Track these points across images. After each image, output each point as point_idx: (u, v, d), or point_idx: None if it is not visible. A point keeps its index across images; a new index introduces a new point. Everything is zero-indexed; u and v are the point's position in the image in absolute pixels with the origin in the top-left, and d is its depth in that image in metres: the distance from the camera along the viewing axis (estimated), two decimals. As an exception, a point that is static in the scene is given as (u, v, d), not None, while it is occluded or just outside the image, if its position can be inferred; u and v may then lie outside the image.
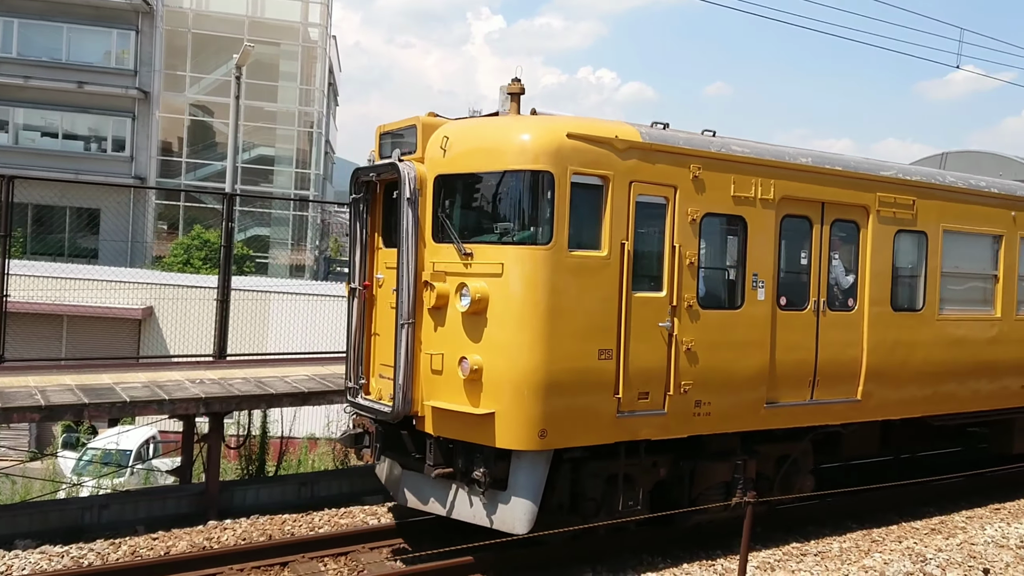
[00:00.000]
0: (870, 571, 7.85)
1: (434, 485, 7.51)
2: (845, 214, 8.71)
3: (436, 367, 7.09)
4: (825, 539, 8.87)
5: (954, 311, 9.72)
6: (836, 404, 8.62)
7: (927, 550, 8.51)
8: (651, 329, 7.31)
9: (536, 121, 7.31)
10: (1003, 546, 8.80)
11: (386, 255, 7.89)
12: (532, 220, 6.96)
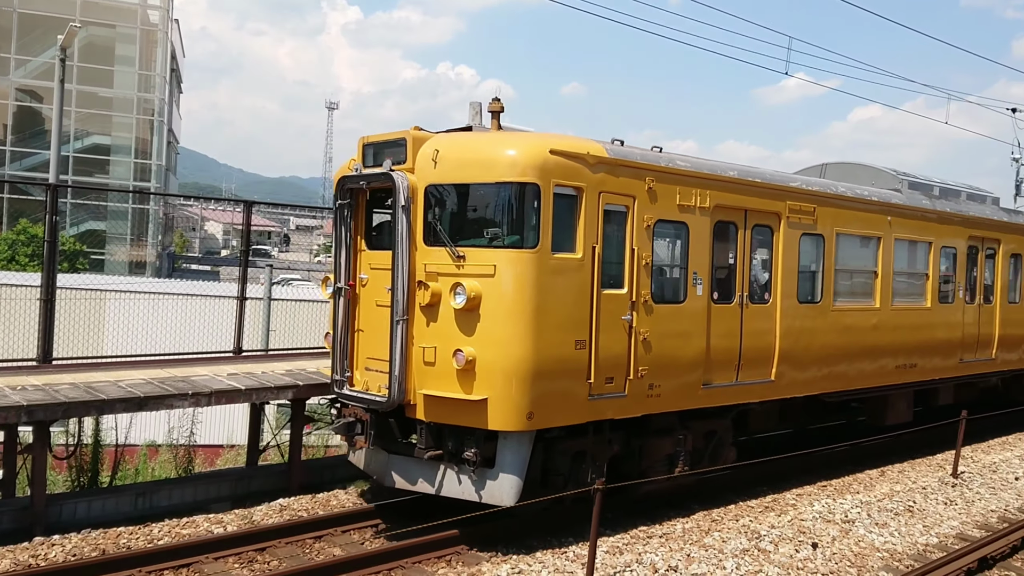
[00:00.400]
0: (710, 549, 8.24)
1: (422, 467, 8.24)
2: (763, 220, 10.07)
3: (429, 359, 7.89)
4: (670, 521, 9.27)
5: (844, 303, 11.34)
6: (755, 384, 10.00)
7: (761, 527, 9.03)
8: (615, 322, 8.33)
9: (522, 138, 8.23)
10: (830, 521, 9.38)
11: (369, 257, 8.69)
12: (521, 226, 7.80)
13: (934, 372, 13.04)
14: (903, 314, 12.37)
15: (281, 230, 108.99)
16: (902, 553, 8.57)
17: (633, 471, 9.02)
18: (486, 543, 8.22)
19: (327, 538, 8.44)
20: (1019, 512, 10.26)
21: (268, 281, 15.20)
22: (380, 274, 8.40)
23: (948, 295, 13.41)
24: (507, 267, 7.71)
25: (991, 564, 8.41)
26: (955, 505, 10.35)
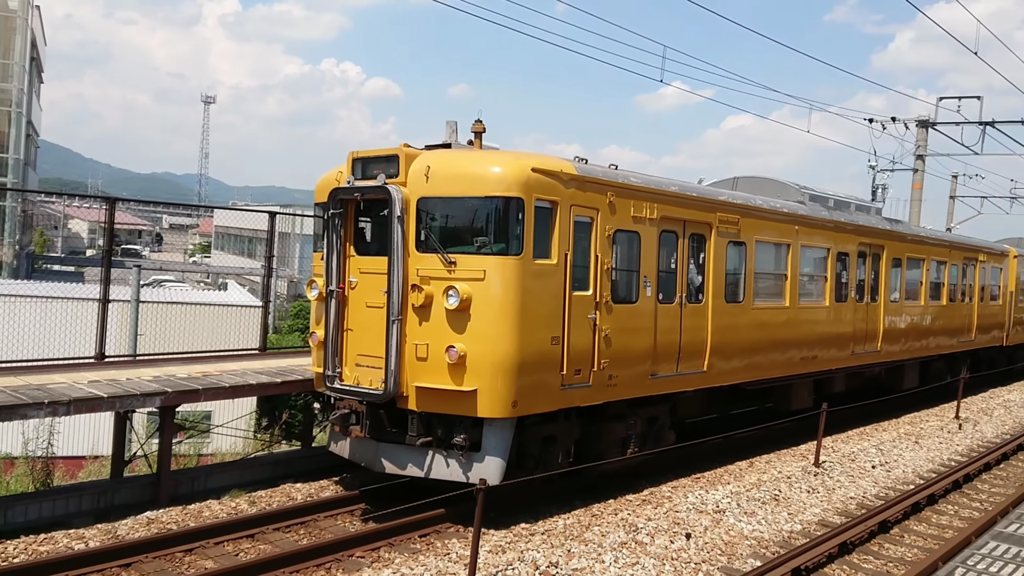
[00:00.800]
0: (590, 544, 8.41)
1: (412, 453, 8.96)
2: (697, 229, 11.30)
3: (421, 355, 8.69)
4: (552, 518, 9.40)
5: (761, 302, 12.70)
6: (692, 375, 11.25)
7: (639, 520, 9.28)
8: (583, 320, 9.33)
9: (507, 156, 9.17)
10: (702, 511, 9.76)
11: (358, 262, 9.37)
12: (506, 235, 8.65)
13: (831, 363, 14.62)
14: (807, 312, 13.87)
15: (153, 229, 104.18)
16: (769, 540, 8.98)
17: (592, 453, 10.06)
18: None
19: (199, 551, 8.09)
20: (876, 499, 10.95)
21: (136, 282, 14.47)
22: (368, 278, 9.17)
23: (843, 295, 14.92)
24: (495, 272, 8.57)
25: (851, 549, 8.92)
26: (817, 493, 10.94)
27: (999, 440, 14.98)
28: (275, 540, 8.50)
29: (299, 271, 48.07)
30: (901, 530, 9.79)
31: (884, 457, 13.16)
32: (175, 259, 69.79)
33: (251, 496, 9.76)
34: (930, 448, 14.06)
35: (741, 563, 8.23)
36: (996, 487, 12.00)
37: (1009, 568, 6.04)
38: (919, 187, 27.43)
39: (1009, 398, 20.36)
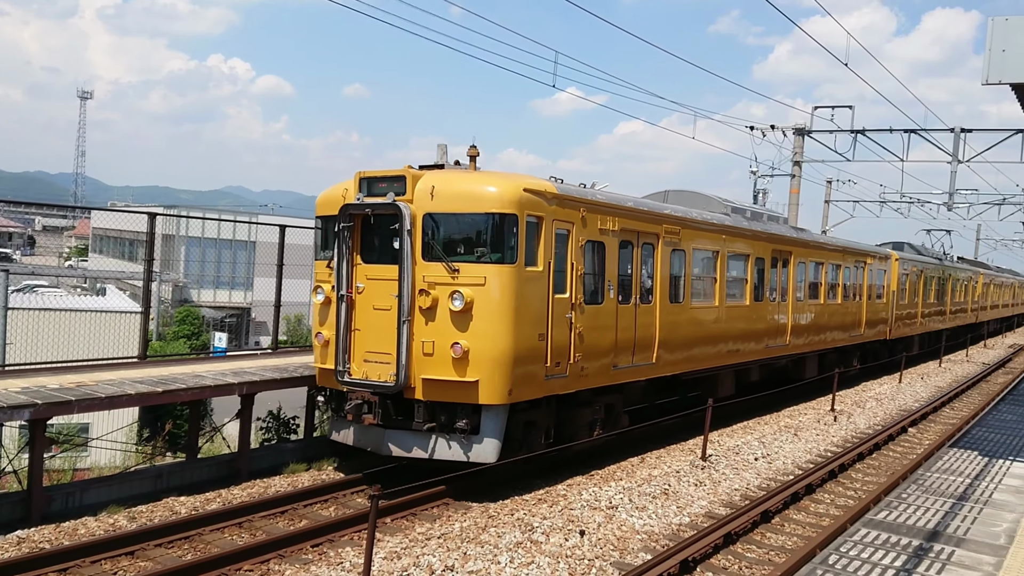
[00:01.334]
0: (486, 545, 8.42)
1: (417, 437, 10.09)
2: (648, 239, 12.78)
3: (428, 351, 9.86)
4: (448, 521, 9.36)
5: (697, 302, 14.34)
6: (643, 366, 12.65)
7: (534, 519, 9.37)
8: (562, 319, 10.69)
9: (502, 177, 10.34)
10: (596, 508, 9.95)
11: (365, 269, 10.44)
12: (502, 246, 9.85)
13: (750, 355, 16.47)
14: (732, 310, 15.60)
15: (25, 231, 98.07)
16: (659, 534, 9.23)
17: (566, 435, 11.43)
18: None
19: (73, 571, 7.65)
20: (759, 490, 11.42)
21: (4, 288, 13.60)
22: (375, 283, 10.28)
23: (759, 295, 16.78)
24: (494, 278, 9.78)
25: (735, 539, 9.27)
26: (704, 486, 11.33)
27: (871, 431, 15.90)
28: (156, 557, 8.13)
29: (184, 275, 46.27)
30: (782, 519, 10.25)
31: (766, 450, 13.74)
32: (49, 263, 65.87)
33: (131, 512, 9.30)
34: (808, 440, 14.79)
35: (633, 557, 8.42)
36: (869, 476, 12.72)
37: (880, 554, 6.41)
38: (796, 192, 28.83)
39: (880, 391, 21.65)
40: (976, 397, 21.79)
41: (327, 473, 11.47)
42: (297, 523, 9.36)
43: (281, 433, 14.41)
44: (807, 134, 28.53)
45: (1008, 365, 30.84)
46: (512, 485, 10.87)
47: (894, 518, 7.34)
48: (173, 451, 13.73)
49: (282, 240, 14.52)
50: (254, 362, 12.76)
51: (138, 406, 12.19)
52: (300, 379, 11.75)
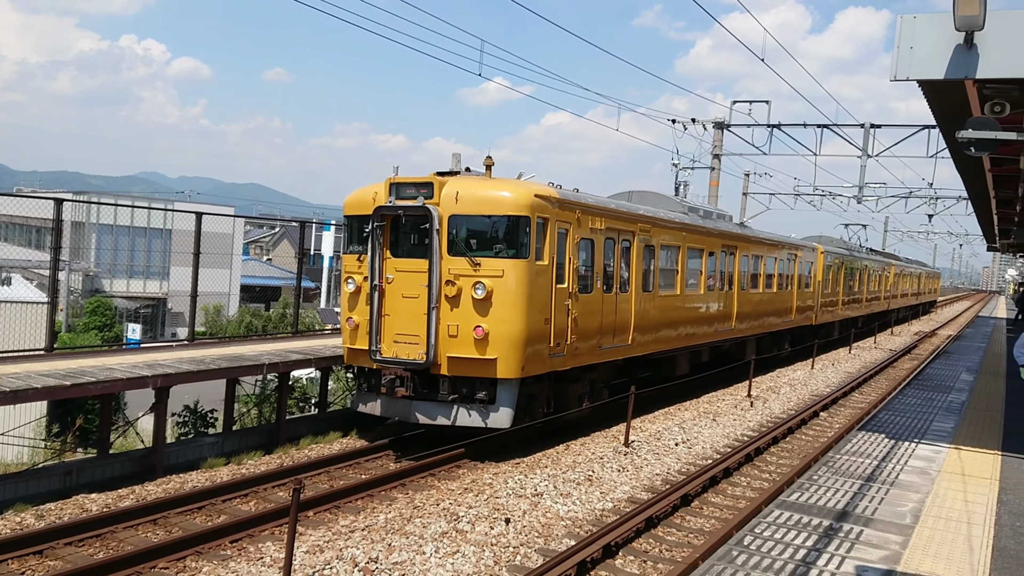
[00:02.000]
0: (411, 536, 8.40)
1: (441, 407, 11.62)
2: (626, 236, 14.42)
3: (452, 333, 11.39)
4: (373, 512, 9.28)
5: (663, 292, 16.05)
6: (621, 347, 14.37)
7: (460, 509, 9.39)
8: (562, 306, 12.25)
9: (516, 184, 12.04)
10: (521, 496, 10.04)
11: (394, 263, 11.90)
12: (517, 243, 11.45)
13: (703, 338, 18.39)
14: (690, 299, 17.46)
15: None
16: (583, 519, 9.36)
17: (560, 406, 13.13)
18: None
19: (-25, 574, 7.29)
20: (679, 474, 11.69)
21: None
22: (403, 275, 11.73)
23: (711, 285, 18.64)
24: (511, 271, 11.36)
25: (656, 523, 9.47)
26: (627, 472, 11.53)
27: (785, 416, 16.45)
28: (66, 556, 7.82)
29: (96, 264, 44.49)
30: (701, 502, 10.52)
31: (686, 435, 14.08)
32: (-54, 251, 62.28)
33: (39, 509, 8.92)
34: (726, 425, 15.21)
35: (557, 543, 8.51)
36: (783, 459, 13.17)
37: (792, 534, 6.64)
38: (716, 184, 29.53)
39: (794, 377, 22.42)
40: (883, 382, 22.78)
41: (247, 467, 11.24)
42: (215, 519, 9.14)
43: (198, 427, 14.03)
44: (726, 128, 29.22)
45: (913, 351, 32.33)
46: (436, 476, 10.85)
47: (806, 499, 7.61)
48: (84, 447, 13.22)
49: (198, 228, 14.08)
50: (169, 354, 12.37)
51: (45, 400, 11.67)
52: (218, 371, 11.45)
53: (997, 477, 8.69)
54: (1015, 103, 9.52)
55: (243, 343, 15.22)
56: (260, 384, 16.22)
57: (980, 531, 6.83)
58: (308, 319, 29.79)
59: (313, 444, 12.72)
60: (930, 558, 6.15)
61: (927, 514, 7.25)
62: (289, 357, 12.70)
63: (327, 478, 10.90)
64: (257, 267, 65.84)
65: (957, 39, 8.07)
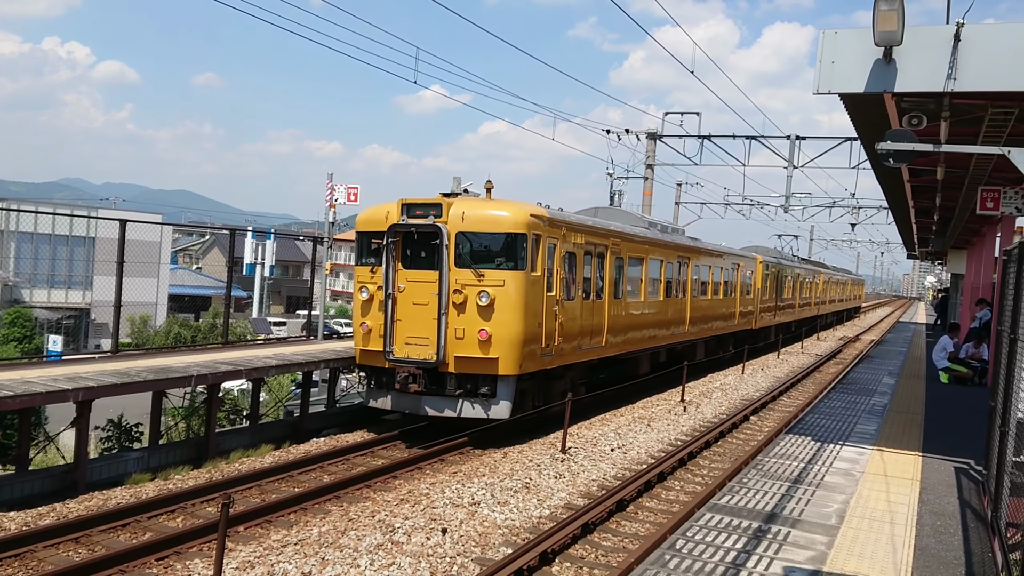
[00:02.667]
0: (345, 549, 8.28)
1: (448, 401, 13.08)
2: (601, 250, 16.08)
3: (459, 335, 12.87)
4: (306, 526, 9.12)
5: (630, 299, 17.76)
6: (596, 348, 16.06)
7: (396, 520, 9.29)
8: (551, 312, 13.86)
9: (514, 205, 13.46)
10: (459, 505, 10.00)
11: (405, 274, 13.39)
12: (515, 257, 13.01)
13: (662, 340, 20.23)
14: (652, 305, 19.22)
15: None
16: (520, 527, 9.36)
17: (546, 400, 14.65)
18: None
19: None
20: (614, 480, 11.80)
21: None
22: (413, 285, 13.24)
23: (669, 293, 20.53)
24: (511, 281, 12.91)
25: (592, 528, 9.53)
26: (564, 478, 11.59)
27: (717, 420, 16.77)
28: (-20, 579, 7.46)
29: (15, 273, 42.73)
30: (636, 507, 10.64)
31: (621, 440, 14.23)
32: None
33: (-51, 532, 8.49)
34: (660, 430, 15.42)
35: (494, 552, 8.49)
36: (715, 462, 13.42)
37: (723, 537, 6.75)
38: (649, 193, 30.01)
39: (725, 382, 22.88)
40: (810, 386, 23.43)
41: (174, 482, 10.92)
42: (140, 536, 8.85)
43: (123, 442, 13.58)
44: (659, 138, 29.73)
45: (838, 356, 33.35)
46: (372, 487, 10.72)
47: (736, 502, 7.76)
48: (2, 463, 12.66)
49: (122, 235, 13.65)
50: (92, 366, 11.94)
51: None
52: (144, 384, 11.10)
53: (918, 478, 9.01)
54: (931, 116, 9.93)
55: (171, 354, 14.80)
56: (188, 397, 15.80)
57: (902, 531, 7.06)
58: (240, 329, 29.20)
59: (244, 457, 12.44)
60: (855, 558, 6.33)
61: (851, 515, 7.46)
62: (219, 368, 12.40)
63: (259, 492, 10.66)
64: (186, 276, 64.18)
65: (877, 54, 8.38)
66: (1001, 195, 14.10)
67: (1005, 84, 8.20)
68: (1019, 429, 5.94)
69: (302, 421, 14.56)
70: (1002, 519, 6.28)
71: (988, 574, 6.11)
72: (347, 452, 12.79)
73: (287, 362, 13.85)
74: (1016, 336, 6.39)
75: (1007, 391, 6.70)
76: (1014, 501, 5.94)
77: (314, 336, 18.71)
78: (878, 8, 7.96)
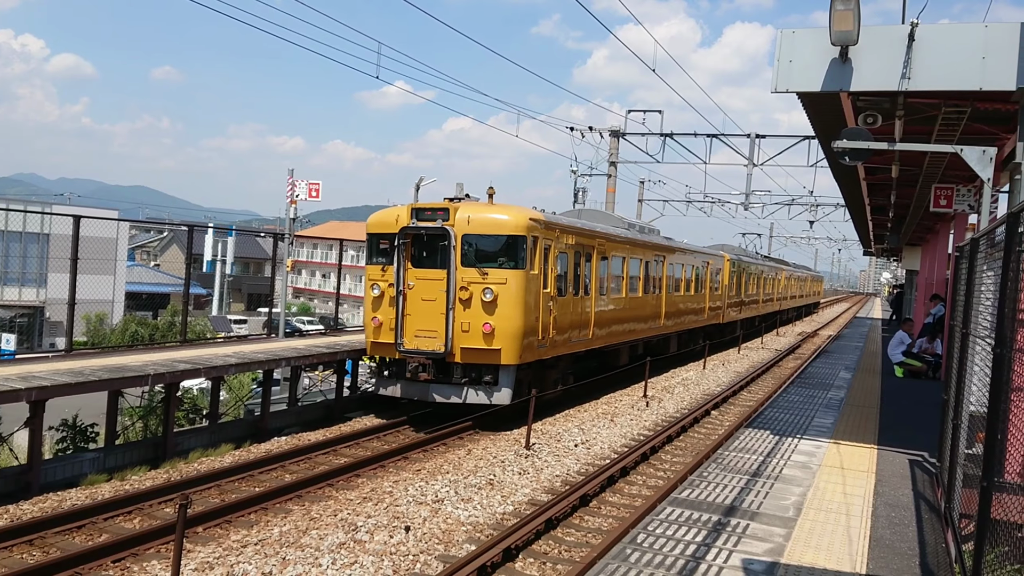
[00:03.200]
0: (307, 548, 8.20)
1: (454, 388, 14.28)
2: (588, 250, 17.38)
3: (465, 328, 14.05)
4: (267, 526, 9.02)
5: (612, 295, 19.10)
6: (584, 340, 17.27)
7: (359, 519, 9.22)
8: (546, 307, 15.08)
9: (516, 210, 14.72)
10: (422, 503, 9.94)
11: (414, 272, 14.55)
12: (516, 257, 14.20)
13: (641, 333, 21.58)
14: (632, 301, 20.54)
15: None
16: (484, 524, 9.36)
17: (540, 389, 15.45)
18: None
19: None
20: (578, 475, 11.85)
21: None
22: (422, 282, 14.45)
23: (647, 288, 21.91)
24: (512, 279, 14.12)
25: (556, 524, 9.57)
26: (528, 474, 11.61)
27: (679, 415, 16.93)
28: (-72, 585, 7.25)
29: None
30: (599, 502, 10.69)
31: (585, 436, 14.30)
32: None
33: None
34: (623, 425, 15.53)
35: (457, 549, 8.48)
36: (677, 457, 13.54)
37: (683, 530, 6.82)
38: (613, 191, 30.17)
39: (687, 377, 23.11)
40: (770, 381, 23.76)
41: (131, 483, 10.72)
42: (97, 538, 8.68)
43: (78, 442, 13.31)
44: (622, 136, 29.90)
45: (797, 351, 33.86)
46: (334, 486, 10.63)
47: (697, 496, 7.84)
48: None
49: (76, 232, 13.36)
50: (46, 365, 11.68)
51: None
52: (99, 383, 10.88)
53: (873, 470, 9.19)
54: (886, 115, 10.12)
55: (127, 353, 14.52)
56: (146, 396, 15.52)
57: (858, 522, 7.20)
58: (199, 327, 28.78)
59: (203, 457, 12.26)
60: (812, 549, 6.43)
61: (809, 507, 7.59)
62: (177, 367, 12.20)
63: (218, 492, 10.52)
64: (144, 273, 63.06)
65: (833, 53, 8.52)
66: (954, 193, 14.43)
67: (958, 83, 8.39)
68: (971, 422, 6.09)
69: (263, 420, 14.40)
70: (955, 510, 6.42)
71: (942, 564, 6.25)
72: (309, 451, 12.67)
73: (247, 360, 13.68)
74: (968, 331, 6.55)
75: (960, 385, 6.86)
76: (967, 492, 6.08)
77: (275, 334, 18.50)
78: (834, 8, 8.10)
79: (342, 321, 23.32)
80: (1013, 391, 4.60)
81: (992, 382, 4.53)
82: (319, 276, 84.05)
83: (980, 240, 6.52)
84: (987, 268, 5.96)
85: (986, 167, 9.24)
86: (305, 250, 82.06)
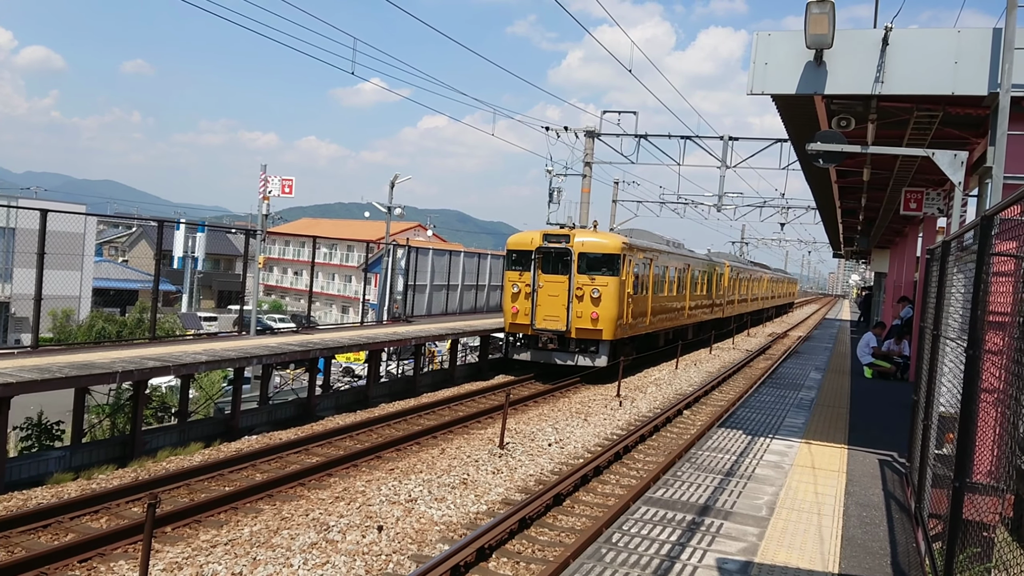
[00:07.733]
0: (278, 548, 8.12)
1: (569, 355, 21.29)
2: (648, 260, 24.01)
3: (579, 315, 20.92)
4: (237, 526, 8.92)
5: (662, 293, 26.28)
6: (643, 325, 24.04)
7: (331, 519, 9.16)
8: (628, 302, 21.96)
9: (614, 236, 22.12)
10: (395, 502, 9.91)
11: (544, 277, 21.35)
12: (614, 268, 21.09)
13: (673, 323, 28.34)
14: (671, 298, 27.52)
15: None
16: (457, 524, 9.32)
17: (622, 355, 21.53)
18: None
19: None
20: (552, 474, 11.85)
21: None
22: (549, 283, 21.18)
23: (679, 289, 28.64)
24: (611, 283, 20.79)
25: (529, 523, 9.55)
26: (501, 474, 11.58)
27: (652, 414, 17.01)
28: None
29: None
30: (573, 502, 10.70)
31: (559, 435, 14.30)
32: None
33: None
34: (597, 424, 15.56)
35: (431, 549, 8.43)
36: (650, 456, 13.59)
37: (658, 530, 6.83)
38: (587, 191, 30.23)
39: (659, 376, 23.25)
40: (741, 381, 23.97)
41: (98, 482, 10.54)
42: (63, 537, 8.51)
43: (43, 440, 13.06)
44: (597, 137, 29.96)
45: (767, 352, 34.20)
46: (306, 486, 10.53)
47: (670, 495, 7.86)
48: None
49: (43, 226, 13.08)
50: (11, 362, 11.44)
51: None
52: (65, 380, 10.68)
53: (844, 470, 9.28)
54: (859, 118, 10.22)
55: (95, 350, 14.27)
56: (114, 393, 15.28)
57: (830, 521, 7.25)
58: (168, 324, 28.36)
59: (172, 456, 12.09)
60: (784, 548, 6.47)
61: (781, 506, 7.64)
62: (145, 364, 12.01)
63: (187, 491, 10.37)
64: (112, 269, 62.10)
65: (808, 56, 8.58)
66: (924, 196, 14.63)
67: (930, 88, 8.49)
68: (941, 423, 6.16)
69: (234, 419, 14.23)
70: (925, 510, 6.49)
71: (912, 563, 6.32)
72: (281, 450, 12.54)
73: (218, 358, 13.51)
74: (938, 333, 6.62)
75: (930, 386, 6.93)
76: (936, 492, 6.15)
77: (246, 331, 18.30)
78: (810, 11, 8.15)
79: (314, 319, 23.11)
80: (983, 392, 4.65)
81: (965, 384, 4.58)
82: (291, 273, 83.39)
83: (951, 243, 6.60)
84: (958, 271, 6.03)
85: (957, 171, 9.37)
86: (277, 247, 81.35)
